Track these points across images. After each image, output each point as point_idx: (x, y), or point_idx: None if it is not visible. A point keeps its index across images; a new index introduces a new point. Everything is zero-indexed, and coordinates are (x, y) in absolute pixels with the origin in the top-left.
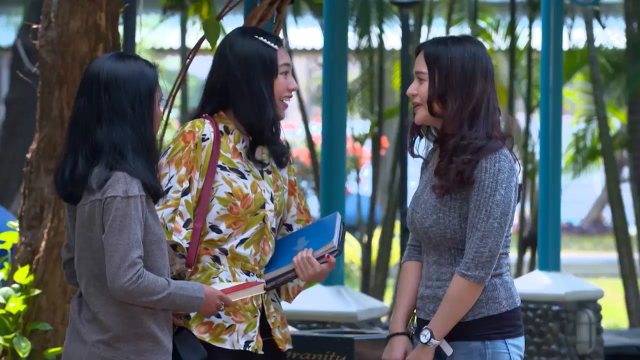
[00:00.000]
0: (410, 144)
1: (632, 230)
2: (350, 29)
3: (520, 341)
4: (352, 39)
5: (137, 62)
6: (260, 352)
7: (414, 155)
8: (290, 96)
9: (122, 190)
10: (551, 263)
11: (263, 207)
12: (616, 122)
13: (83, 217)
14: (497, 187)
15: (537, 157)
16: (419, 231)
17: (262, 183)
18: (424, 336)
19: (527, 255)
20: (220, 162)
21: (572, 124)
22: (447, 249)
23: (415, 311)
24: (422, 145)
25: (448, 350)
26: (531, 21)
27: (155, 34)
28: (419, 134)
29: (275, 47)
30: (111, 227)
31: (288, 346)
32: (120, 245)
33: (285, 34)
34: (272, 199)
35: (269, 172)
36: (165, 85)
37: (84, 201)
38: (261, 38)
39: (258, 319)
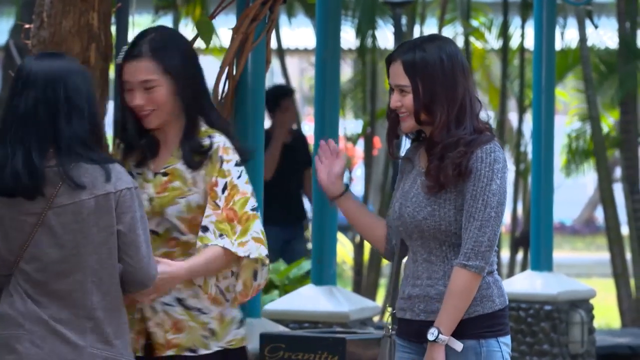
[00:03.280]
0: (390, 147)
1: (625, 230)
2: (350, 29)
3: (509, 339)
4: (349, 40)
5: (73, 60)
6: (138, 354)
7: (395, 158)
8: (141, 111)
9: (130, 181)
10: (543, 263)
11: None
12: (612, 121)
13: (89, 210)
14: (493, 176)
15: (530, 156)
16: (409, 225)
17: (146, 185)
18: (431, 334)
19: (520, 255)
20: None
21: (567, 123)
22: (439, 244)
23: (393, 311)
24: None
25: (458, 346)
26: (524, 21)
27: None
28: (396, 136)
29: (119, 60)
30: (134, 219)
31: (170, 352)
32: (146, 236)
33: (277, 34)
34: (150, 201)
35: (165, 175)
36: None
37: (87, 196)
38: (124, 48)
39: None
